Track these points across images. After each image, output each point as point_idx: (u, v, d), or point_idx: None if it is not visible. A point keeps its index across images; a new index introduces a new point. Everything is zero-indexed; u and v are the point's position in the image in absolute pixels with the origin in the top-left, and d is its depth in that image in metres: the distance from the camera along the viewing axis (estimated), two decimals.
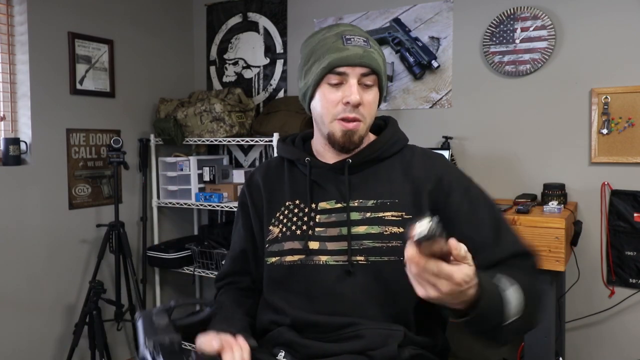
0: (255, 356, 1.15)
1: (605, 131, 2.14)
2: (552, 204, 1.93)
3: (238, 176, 2.83)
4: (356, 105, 1.08)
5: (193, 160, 2.83)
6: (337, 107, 1.10)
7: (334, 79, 1.09)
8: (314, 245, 1.13)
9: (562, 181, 2.19)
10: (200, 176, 2.84)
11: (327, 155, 1.19)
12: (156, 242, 2.97)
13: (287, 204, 1.19)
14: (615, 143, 2.13)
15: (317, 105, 1.13)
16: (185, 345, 0.97)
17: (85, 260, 2.66)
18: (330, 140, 1.13)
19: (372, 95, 1.13)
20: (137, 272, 2.78)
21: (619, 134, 2.12)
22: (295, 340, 1.10)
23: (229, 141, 2.77)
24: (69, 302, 2.58)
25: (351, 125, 1.10)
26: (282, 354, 1.10)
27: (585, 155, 2.20)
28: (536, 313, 1.01)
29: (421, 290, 0.83)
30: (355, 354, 1.05)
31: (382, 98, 1.18)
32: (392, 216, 1.10)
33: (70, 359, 2.37)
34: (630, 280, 2.14)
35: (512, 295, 0.93)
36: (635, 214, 2.11)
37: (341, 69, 1.08)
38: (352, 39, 1.10)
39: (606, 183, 2.16)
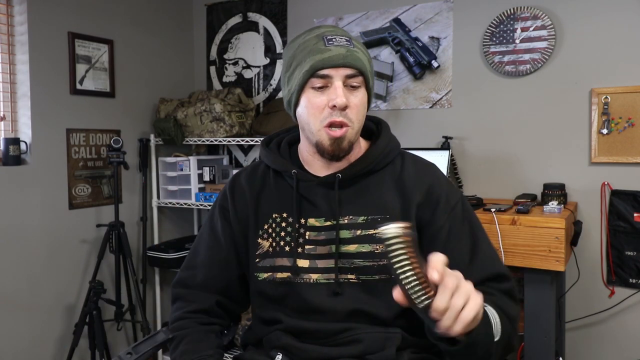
0: (252, 359, 1.15)
1: (605, 131, 2.14)
2: (552, 204, 1.93)
3: None
4: (343, 109, 1.02)
5: (193, 160, 2.83)
6: (323, 112, 1.03)
7: (317, 82, 1.03)
8: (303, 263, 1.09)
9: (562, 181, 2.19)
10: (200, 176, 2.84)
11: (315, 164, 1.13)
12: (156, 242, 2.97)
13: (274, 216, 1.13)
14: (615, 143, 2.13)
15: (303, 112, 1.07)
16: None
17: (85, 260, 2.66)
18: (319, 149, 1.07)
19: (359, 97, 1.05)
20: (137, 272, 2.78)
21: (619, 134, 2.12)
22: (292, 343, 1.08)
23: (229, 141, 2.77)
24: (69, 302, 2.58)
25: (338, 132, 1.03)
26: (279, 357, 1.09)
27: (585, 155, 2.20)
28: (513, 337, 1.00)
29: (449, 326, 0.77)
30: (354, 359, 1.04)
31: (370, 100, 1.11)
32: None
33: (70, 359, 2.37)
34: (630, 280, 2.14)
35: (495, 317, 0.94)
36: (635, 214, 2.11)
37: (324, 71, 1.02)
38: (333, 39, 1.04)
39: (606, 183, 2.16)
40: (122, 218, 2.65)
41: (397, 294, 0.76)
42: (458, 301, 0.75)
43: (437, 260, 0.75)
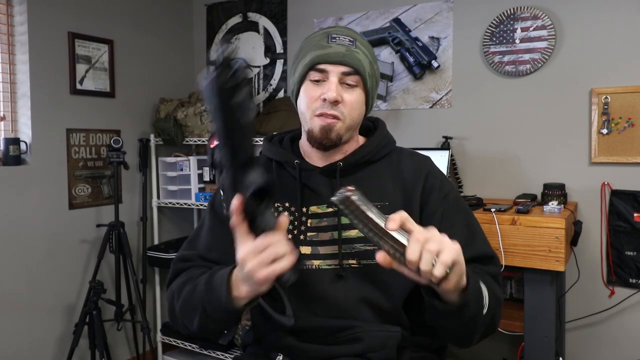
0: None
1: (605, 131, 2.14)
2: (552, 204, 1.93)
3: None
4: (334, 103, 1.08)
5: (193, 160, 2.83)
6: (315, 103, 1.10)
7: (315, 75, 1.10)
8: (306, 250, 1.12)
9: (562, 181, 2.19)
10: (200, 176, 2.84)
11: (314, 156, 1.18)
12: (156, 242, 2.97)
13: (275, 205, 1.16)
14: (615, 143, 2.13)
15: (301, 102, 1.13)
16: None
17: (85, 260, 2.66)
18: (310, 136, 1.13)
19: (354, 95, 1.11)
20: (137, 272, 2.78)
21: (619, 134, 2.12)
22: (293, 344, 1.09)
23: None
24: (69, 302, 2.59)
25: (327, 120, 1.09)
26: (279, 358, 1.09)
27: (585, 155, 2.20)
28: (497, 317, 1.04)
29: (428, 269, 0.80)
30: (355, 357, 1.05)
31: (370, 101, 1.16)
32: None
33: (70, 359, 2.37)
34: (630, 280, 2.14)
35: (484, 289, 0.97)
36: (635, 214, 2.11)
37: (322, 66, 1.09)
38: (337, 38, 1.10)
39: (606, 183, 2.16)
40: (122, 218, 2.65)
41: (379, 255, 0.85)
42: (432, 246, 0.80)
43: (395, 214, 0.83)
